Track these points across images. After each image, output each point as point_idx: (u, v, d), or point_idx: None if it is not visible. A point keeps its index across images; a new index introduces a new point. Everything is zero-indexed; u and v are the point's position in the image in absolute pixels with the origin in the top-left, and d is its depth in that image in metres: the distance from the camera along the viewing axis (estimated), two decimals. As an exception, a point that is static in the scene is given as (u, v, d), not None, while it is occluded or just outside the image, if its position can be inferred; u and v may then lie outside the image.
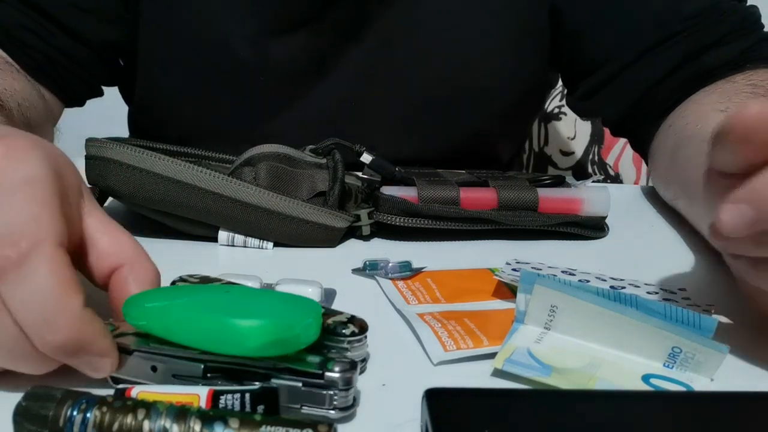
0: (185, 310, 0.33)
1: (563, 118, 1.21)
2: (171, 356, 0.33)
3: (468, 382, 0.36)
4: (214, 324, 0.32)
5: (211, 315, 0.32)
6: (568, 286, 0.38)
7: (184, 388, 0.31)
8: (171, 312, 0.33)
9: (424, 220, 0.53)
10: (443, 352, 0.38)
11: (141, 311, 0.33)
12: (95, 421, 0.28)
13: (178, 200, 0.49)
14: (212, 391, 0.30)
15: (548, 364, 0.37)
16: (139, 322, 0.33)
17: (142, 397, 0.30)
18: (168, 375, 0.33)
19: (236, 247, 0.51)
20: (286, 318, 0.32)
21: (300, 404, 0.32)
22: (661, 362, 0.37)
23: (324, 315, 0.35)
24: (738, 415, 0.32)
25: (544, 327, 0.39)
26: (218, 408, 0.30)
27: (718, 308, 0.44)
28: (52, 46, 0.63)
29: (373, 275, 0.47)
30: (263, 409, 0.30)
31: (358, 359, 0.35)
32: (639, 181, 1.22)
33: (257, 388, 0.31)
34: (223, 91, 0.69)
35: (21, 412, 0.29)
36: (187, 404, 0.29)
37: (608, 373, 0.36)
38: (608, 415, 0.32)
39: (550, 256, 0.50)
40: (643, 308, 0.37)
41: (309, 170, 0.54)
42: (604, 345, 0.38)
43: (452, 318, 0.41)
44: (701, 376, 0.36)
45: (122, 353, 0.33)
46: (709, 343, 0.36)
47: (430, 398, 0.31)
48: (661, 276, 0.48)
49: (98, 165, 0.49)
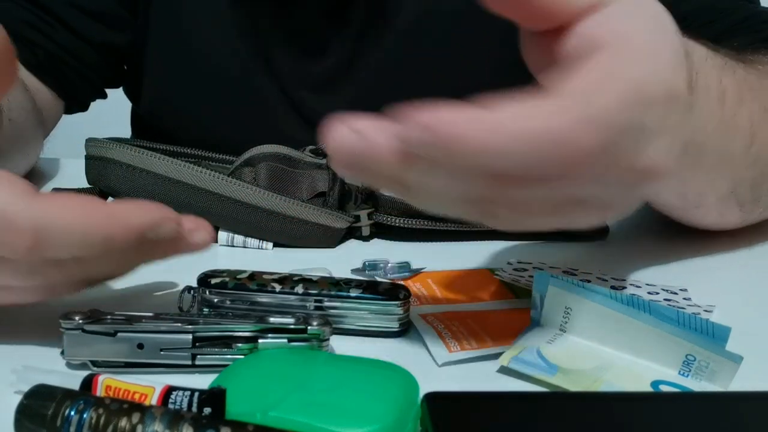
0: (281, 422, 0.30)
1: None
2: (156, 332, 0.33)
3: (473, 383, 0.36)
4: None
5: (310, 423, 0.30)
6: (582, 288, 0.38)
7: (144, 379, 0.31)
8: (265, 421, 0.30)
9: (423, 220, 0.53)
10: (447, 353, 0.38)
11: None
12: (91, 422, 0.28)
13: (178, 200, 0.49)
14: (167, 387, 0.31)
15: (555, 364, 0.37)
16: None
17: (107, 384, 0.31)
18: (156, 350, 0.34)
19: (236, 248, 0.51)
20: (394, 412, 0.30)
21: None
22: (676, 370, 0.37)
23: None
24: (738, 415, 0.32)
25: (560, 329, 0.39)
26: (171, 405, 0.30)
27: (719, 309, 0.44)
28: (56, 44, 0.63)
29: (373, 275, 0.47)
30: (210, 412, 0.30)
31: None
32: (639, 182, 1.22)
33: (205, 390, 0.31)
34: (229, 100, 0.69)
35: (22, 410, 0.29)
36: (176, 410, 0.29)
37: (616, 377, 0.36)
38: (611, 417, 0.31)
39: (551, 257, 0.50)
40: (656, 314, 0.36)
41: (309, 170, 0.54)
42: (617, 349, 0.38)
43: (455, 319, 0.41)
44: (716, 386, 0.36)
45: (106, 336, 0.34)
46: (724, 353, 0.35)
47: (431, 402, 0.30)
48: (662, 276, 0.48)
49: (98, 165, 0.49)
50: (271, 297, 0.39)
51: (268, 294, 0.39)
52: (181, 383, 0.31)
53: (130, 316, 0.35)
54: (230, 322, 0.35)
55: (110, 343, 0.34)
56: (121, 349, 0.34)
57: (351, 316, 0.40)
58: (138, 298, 0.42)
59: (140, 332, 0.34)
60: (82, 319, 0.34)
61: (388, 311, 0.39)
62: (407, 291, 0.40)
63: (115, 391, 0.31)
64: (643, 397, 0.34)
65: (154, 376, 0.32)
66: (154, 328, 0.34)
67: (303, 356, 0.35)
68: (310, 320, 0.35)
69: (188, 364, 0.35)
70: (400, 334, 0.40)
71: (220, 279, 0.40)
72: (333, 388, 0.32)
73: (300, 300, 0.39)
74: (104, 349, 0.34)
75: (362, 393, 0.32)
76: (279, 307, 0.39)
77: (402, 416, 0.30)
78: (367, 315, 0.40)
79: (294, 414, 0.30)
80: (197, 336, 0.35)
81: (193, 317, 0.36)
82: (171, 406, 0.30)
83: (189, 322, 0.35)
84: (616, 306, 0.37)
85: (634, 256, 0.55)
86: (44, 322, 0.37)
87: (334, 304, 0.39)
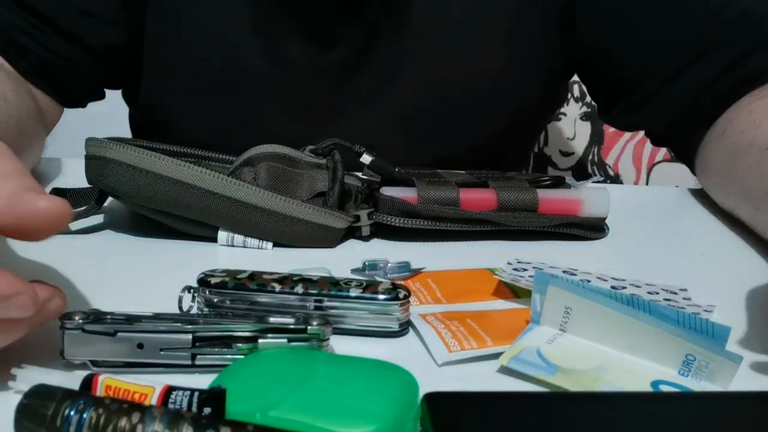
0: (281, 422, 0.29)
1: (563, 118, 1.21)
2: (156, 332, 0.33)
3: (473, 383, 0.36)
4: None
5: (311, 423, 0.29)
6: (581, 288, 0.38)
7: (144, 379, 0.31)
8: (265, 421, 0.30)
9: (423, 221, 0.53)
10: (447, 353, 0.38)
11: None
12: (91, 422, 0.28)
13: (177, 200, 0.49)
14: (167, 387, 0.31)
15: (555, 364, 0.37)
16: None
17: (107, 384, 0.31)
18: (155, 350, 0.34)
19: (236, 248, 0.51)
20: (393, 412, 0.30)
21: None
22: (676, 369, 0.37)
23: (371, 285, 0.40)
24: (738, 415, 0.32)
25: (560, 328, 0.39)
26: (171, 405, 0.30)
27: (719, 309, 0.44)
28: (48, 50, 0.63)
29: (373, 275, 0.47)
30: (210, 412, 0.30)
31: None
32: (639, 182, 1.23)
33: (205, 390, 0.31)
34: (230, 98, 0.69)
35: (22, 410, 0.29)
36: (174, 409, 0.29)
37: (616, 377, 0.36)
38: (610, 417, 0.31)
39: (551, 257, 0.50)
40: (656, 313, 0.36)
41: (309, 170, 0.54)
42: (618, 349, 0.38)
43: (455, 318, 0.41)
44: (715, 386, 0.36)
45: (106, 335, 0.34)
46: (724, 352, 0.35)
47: (431, 402, 0.30)
48: (662, 276, 0.48)
49: (98, 165, 0.49)
50: (271, 297, 0.39)
51: (268, 294, 0.39)
52: (181, 383, 0.31)
53: (130, 316, 0.35)
54: (230, 322, 0.35)
55: (110, 343, 0.34)
56: (121, 349, 0.34)
57: (351, 316, 0.40)
58: (138, 298, 0.42)
59: (140, 332, 0.34)
60: (82, 319, 0.34)
61: (388, 311, 0.39)
62: (407, 291, 0.40)
63: (115, 391, 0.31)
64: (643, 397, 0.34)
65: (154, 376, 0.32)
66: (154, 328, 0.34)
67: (303, 356, 0.35)
68: (310, 320, 0.35)
69: (188, 364, 0.35)
70: (400, 334, 0.40)
71: (220, 279, 0.40)
72: (333, 388, 0.32)
73: (300, 300, 0.39)
74: (104, 348, 0.34)
75: (362, 393, 0.31)
76: (279, 307, 0.39)
77: (402, 416, 0.30)
78: (367, 315, 0.40)
79: (294, 414, 0.30)
80: (197, 336, 0.35)
81: (193, 317, 0.36)
82: (171, 406, 0.30)
83: (189, 322, 0.35)
84: (616, 306, 0.37)
85: (634, 256, 0.55)
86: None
87: (334, 304, 0.39)
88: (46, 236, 0.32)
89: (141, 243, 0.52)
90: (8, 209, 0.31)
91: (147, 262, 0.49)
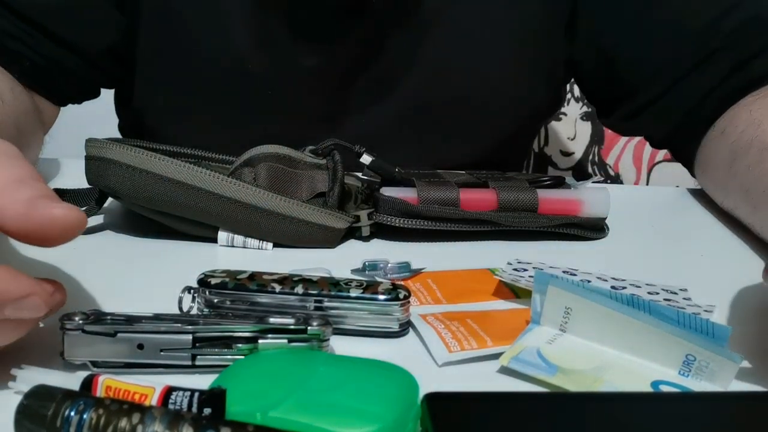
0: (281, 423, 0.30)
1: (563, 118, 1.21)
2: (156, 332, 0.33)
3: (473, 383, 0.36)
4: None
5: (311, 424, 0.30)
6: (582, 288, 0.38)
7: (144, 379, 0.31)
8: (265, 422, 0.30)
9: (423, 221, 0.53)
10: (447, 353, 0.38)
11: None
12: (91, 423, 0.28)
13: (177, 201, 0.49)
14: (167, 387, 0.31)
15: (555, 364, 0.37)
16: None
17: (107, 385, 0.31)
18: (156, 350, 0.34)
19: (236, 248, 0.51)
20: (394, 412, 0.30)
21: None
22: (676, 369, 0.37)
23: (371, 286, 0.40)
24: (738, 415, 0.32)
25: (560, 329, 0.39)
26: (171, 406, 0.30)
27: (719, 309, 0.44)
28: (39, 54, 0.63)
29: (373, 276, 0.47)
30: (210, 412, 0.30)
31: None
32: (639, 182, 1.23)
33: (205, 390, 0.31)
34: (229, 98, 0.69)
35: (22, 411, 0.29)
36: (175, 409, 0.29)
37: (616, 377, 0.36)
38: (610, 417, 0.31)
39: (551, 257, 0.50)
40: (656, 313, 0.36)
41: (309, 171, 0.54)
42: (618, 349, 0.38)
43: (455, 319, 0.41)
44: (716, 386, 0.36)
45: (106, 336, 0.34)
46: (723, 353, 0.35)
47: (431, 402, 0.30)
48: (662, 276, 0.48)
49: (98, 165, 0.49)
50: (271, 297, 0.39)
51: (268, 294, 0.39)
52: (181, 383, 0.31)
53: (130, 317, 0.35)
54: (230, 323, 0.35)
55: (110, 344, 0.34)
56: (121, 350, 0.34)
57: (351, 317, 0.40)
58: (138, 298, 0.42)
59: (140, 332, 0.34)
60: (82, 320, 0.34)
61: (388, 311, 0.39)
62: (407, 291, 0.40)
63: (115, 392, 0.31)
64: (643, 397, 0.34)
65: (154, 377, 0.33)
66: (154, 328, 0.34)
67: (303, 356, 0.35)
68: (310, 320, 0.35)
69: (188, 365, 0.35)
70: (400, 334, 0.40)
71: (220, 279, 0.40)
72: (333, 388, 0.32)
73: (300, 300, 0.39)
74: (104, 349, 0.34)
75: (362, 393, 0.31)
76: (279, 307, 0.39)
77: (402, 416, 0.30)
78: (367, 315, 0.40)
79: (294, 414, 0.30)
80: (197, 336, 0.35)
81: (193, 317, 0.36)
82: (171, 406, 0.30)
83: (189, 323, 0.35)
84: (616, 306, 0.37)
85: (634, 256, 0.55)
86: (44, 322, 0.37)
87: (334, 304, 0.39)
88: (58, 244, 0.32)
89: (141, 243, 0.52)
90: (24, 217, 0.31)
91: (147, 263, 0.49)
